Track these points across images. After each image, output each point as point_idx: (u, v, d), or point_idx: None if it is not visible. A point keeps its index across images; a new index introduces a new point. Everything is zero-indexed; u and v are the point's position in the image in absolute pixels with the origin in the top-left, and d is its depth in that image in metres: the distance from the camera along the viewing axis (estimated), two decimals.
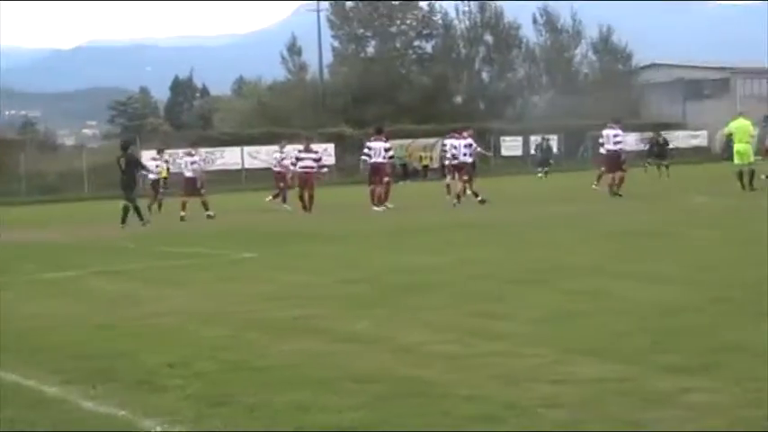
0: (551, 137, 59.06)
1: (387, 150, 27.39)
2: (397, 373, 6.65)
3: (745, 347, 6.85)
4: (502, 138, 65.13)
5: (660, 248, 13.61)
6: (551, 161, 52.00)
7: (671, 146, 49.46)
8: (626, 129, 31.45)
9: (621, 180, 27.48)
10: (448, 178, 29.53)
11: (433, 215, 23.76)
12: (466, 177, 27.28)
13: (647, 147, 47.15)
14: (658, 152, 43.92)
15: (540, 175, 48.52)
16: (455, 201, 26.71)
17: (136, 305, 10.41)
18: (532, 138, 62.81)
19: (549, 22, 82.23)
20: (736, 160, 27.53)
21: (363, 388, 6.23)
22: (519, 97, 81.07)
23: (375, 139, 27.54)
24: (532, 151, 59.60)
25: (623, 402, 5.66)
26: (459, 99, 79.72)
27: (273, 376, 6.69)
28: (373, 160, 27.03)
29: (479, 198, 26.61)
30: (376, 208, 26.19)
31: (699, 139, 73.18)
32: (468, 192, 27.13)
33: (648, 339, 7.28)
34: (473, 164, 28.52)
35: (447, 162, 29.82)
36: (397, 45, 77.66)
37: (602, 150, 28.55)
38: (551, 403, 5.70)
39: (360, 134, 59.39)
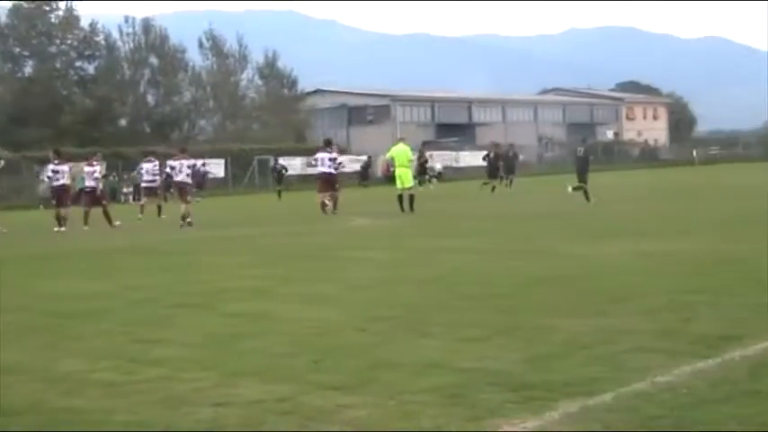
0: (210, 161, 59.43)
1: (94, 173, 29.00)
2: (51, 403, 6.44)
3: (401, 363, 7.14)
4: (168, 162, 64.42)
5: (321, 270, 13.93)
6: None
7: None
8: (296, 153, 32.60)
9: (336, 199, 29.09)
10: (144, 200, 32.41)
11: (101, 240, 23.13)
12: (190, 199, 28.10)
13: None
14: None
15: (197, 199, 48.12)
16: (188, 221, 26.58)
17: None
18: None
19: (215, 47, 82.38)
20: (397, 184, 28.78)
21: (15, 420, 6.01)
22: (185, 121, 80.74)
23: (60, 163, 28.12)
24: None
25: (284, 422, 5.75)
26: (123, 122, 78.32)
27: None
28: (61, 182, 27.63)
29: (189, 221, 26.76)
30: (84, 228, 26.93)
31: (361, 163, 75.51)
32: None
33: (308, 359, 7.45)
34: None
35: (144, 185, 32.71)
36: (58, 65, 75.17)
37: (317, 171, 30.03)
38: (212, 426, 5.70)
39: (17, 157, 56.97)
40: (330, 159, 29.14)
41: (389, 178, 32.26)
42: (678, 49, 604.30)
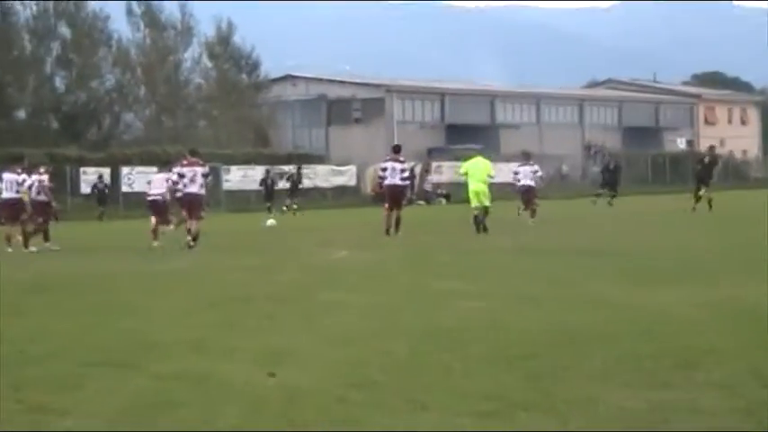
0: (142, 170, 59.83)
1: None
2: None
3: None
4: (83, 169, 63.90)
5: (285, 317, 13.89)
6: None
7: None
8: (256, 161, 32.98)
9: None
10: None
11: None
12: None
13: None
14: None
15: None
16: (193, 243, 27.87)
17: None
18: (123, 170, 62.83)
19: (148, 14, 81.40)
20: (473, 202, 30.69)
21: None
22: (106, 114, 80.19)
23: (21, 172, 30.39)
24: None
25: None
26: (22, 114, 77.80)
27: None
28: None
29: None
30: None
31: (345, 176, 74.07)
32: None
33: None
34: None
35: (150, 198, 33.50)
36: None
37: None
38: None
39: None
40: (401, 170, 32.26)
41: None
42: None
